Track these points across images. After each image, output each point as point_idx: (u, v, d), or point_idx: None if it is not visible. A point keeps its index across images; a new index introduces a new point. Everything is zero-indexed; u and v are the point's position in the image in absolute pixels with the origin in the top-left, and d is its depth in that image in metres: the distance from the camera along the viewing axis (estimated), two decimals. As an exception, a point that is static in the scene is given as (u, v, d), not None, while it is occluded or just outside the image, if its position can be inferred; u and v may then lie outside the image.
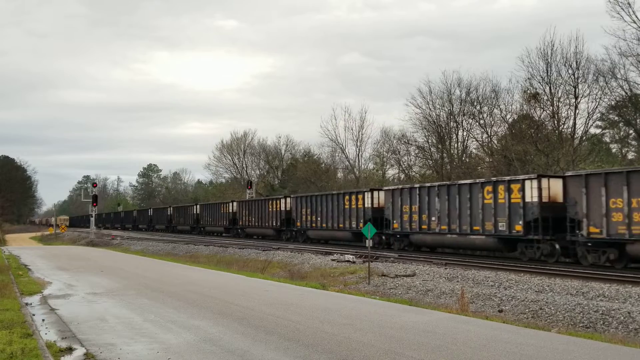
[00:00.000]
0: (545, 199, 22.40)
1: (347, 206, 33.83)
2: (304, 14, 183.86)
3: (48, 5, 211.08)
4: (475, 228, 24.93)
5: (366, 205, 32.38)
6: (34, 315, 11.96)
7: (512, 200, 23.38)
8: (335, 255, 27.13)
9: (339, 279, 20.64)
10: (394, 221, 29.53)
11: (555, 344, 8.96)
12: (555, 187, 22.55)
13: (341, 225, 34.35)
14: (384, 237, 30.70)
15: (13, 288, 16.32)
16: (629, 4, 33.02)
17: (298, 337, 9.40)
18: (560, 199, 22.20)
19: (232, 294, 15.09)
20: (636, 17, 33.03)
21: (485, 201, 24.52)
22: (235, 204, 51.45)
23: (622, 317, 12.41)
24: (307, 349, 8.55)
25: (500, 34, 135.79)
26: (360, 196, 33.10)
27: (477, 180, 25.99)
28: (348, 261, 24.85)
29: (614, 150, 43.90)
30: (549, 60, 37.17)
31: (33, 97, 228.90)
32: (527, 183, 22.89)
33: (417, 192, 28.31)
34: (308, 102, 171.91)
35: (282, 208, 42.06)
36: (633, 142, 41.44)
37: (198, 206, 61.77)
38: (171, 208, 72.04)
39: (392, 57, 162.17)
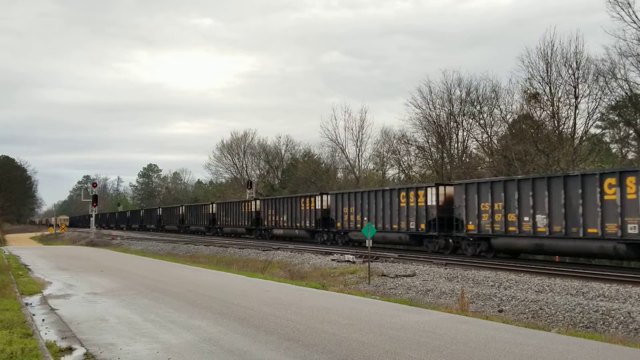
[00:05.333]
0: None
1: (403, 204, 29.90)
2: (280, 12, 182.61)
3: (20, 3, 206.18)
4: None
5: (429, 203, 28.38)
6: (34, 315, 11.96)
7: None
8: (335, 255, 27.14)
9: (339, 279, 20.65)
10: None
11: (555, 344, 8.96)
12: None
13: (395, 227, 30.31)
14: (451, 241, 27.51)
15: (13, 288, 16.32)
16: (629, 4, 33.03)
17: (298, 337, 9.39)
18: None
19: (232, 294, 15.09)
20: (636, 17, 33.02)
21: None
22: (258, 202, 47.59)
23: (622, 317, 12.42)
24: (307, 349, 8.55)
25: (477, 33, 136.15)
26: (421, 192, 28.95)
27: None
28: (348, 261, 24.86)
29: (614, 150, 43.88)
30: (549, 60, 37.17)
31: (19, 96, 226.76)
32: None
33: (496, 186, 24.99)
34: (293, 102, 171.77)
35: (318, 207, 37.72)
36: (633, 142, 41.43)
37: (214, 205, 56.86)
38: (183, 207, 67.97)
39: (373, 56, 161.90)
